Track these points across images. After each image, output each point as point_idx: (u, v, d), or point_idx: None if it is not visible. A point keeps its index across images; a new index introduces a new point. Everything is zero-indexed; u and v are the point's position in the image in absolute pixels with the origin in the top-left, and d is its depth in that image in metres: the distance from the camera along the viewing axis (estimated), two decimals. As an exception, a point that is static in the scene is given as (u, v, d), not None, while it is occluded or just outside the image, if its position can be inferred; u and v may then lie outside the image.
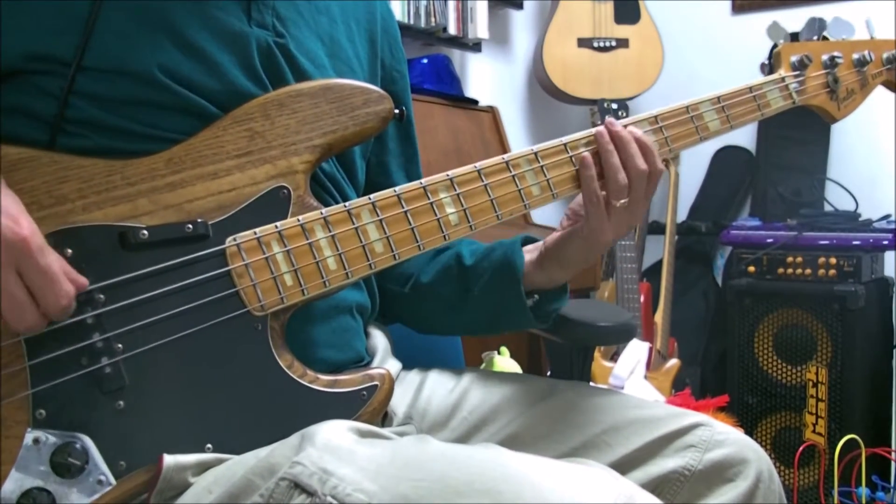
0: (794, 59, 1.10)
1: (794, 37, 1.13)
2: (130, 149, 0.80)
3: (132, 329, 0.76)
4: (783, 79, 1.08)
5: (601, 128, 0.93)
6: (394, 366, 1.03)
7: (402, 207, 0.86)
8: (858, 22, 1.15)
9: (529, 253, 0.99)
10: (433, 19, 2.60)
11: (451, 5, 2.67)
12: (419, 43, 2.69)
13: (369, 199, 0.85)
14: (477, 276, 1.00)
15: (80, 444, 0.73)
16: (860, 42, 1.14)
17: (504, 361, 2.04)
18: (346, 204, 0.84)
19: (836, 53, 1.11)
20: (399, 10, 2.50)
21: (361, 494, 0.64)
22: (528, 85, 3.25)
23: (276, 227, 0.81)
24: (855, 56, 1.13)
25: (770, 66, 1.11)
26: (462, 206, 0.88)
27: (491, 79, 3.09)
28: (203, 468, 0.75)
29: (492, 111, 2.75)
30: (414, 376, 1.06)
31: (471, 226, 0.88)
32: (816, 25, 1.13)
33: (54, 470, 0.72)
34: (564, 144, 0.94)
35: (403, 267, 1.05)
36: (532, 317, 0.99)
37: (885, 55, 1.14)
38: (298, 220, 0.82)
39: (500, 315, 1.01)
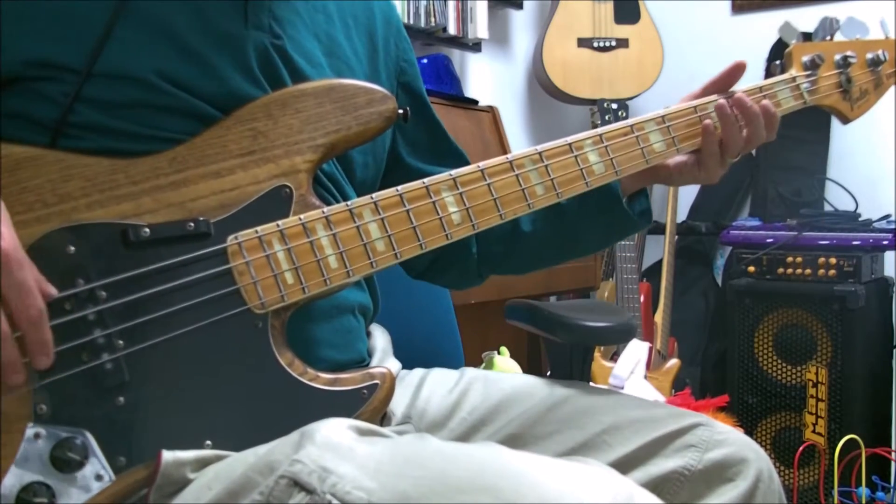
0: (805, 59, 1.09)
1: (807, 37, 1.12)
2: (132, 150, 0.80)
3: (133, 326, 0.76)
4: (794, 78, 1.08)
5: (723, 101, 1.00)
6: (393, 365, 1.03)
7: (405, 206, 0.86)
8: (871, 21, 1.13)
9: None
10: (433, 19, 2.60)
11: (451, 5, 2.67)
12: (419, 43, 2.69)
13: (371, 197, 0.85)
14: (576, 209, 1.04)
15: (81, 439, 0.73)
16: (874, 42, 1.12)
17: (504, 361, 2.05)
18: (348, 203, 0.84)
19: (849, 53, 1.10)
20: (399, 11, 2.50)
21: (361, 492, 0.64)
22: (527, 85, 3.25)
23: (278, 225, 0.81)
24: (869, 56, 1.11)
25: (781, 66, 1.10)
26: (465, 205, 0.88)
27: (491, 79, 3.09)
28: (202, 464, 0.75)
29: (491, 111, 2.75)
30: (413, 376, 1.06)
31: (473, 225, 0.89)
32: (829, 25, 1.12)
33: (54, 465, 0.72)
34: (569, 144, 0.94)
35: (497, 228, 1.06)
36: (639, 222, 1.04)
37: None
38: (300, 219, 0.82)
39: (609, 232, 1.08)
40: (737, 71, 1.03)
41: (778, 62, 1.11)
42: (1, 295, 0.68)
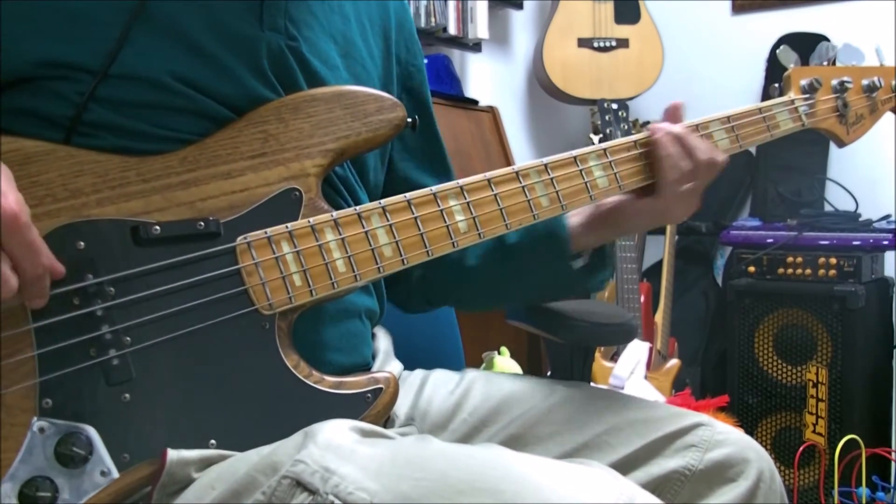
0: (804, 82, 1.11)
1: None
2: (145, 149, 0.81)
3: (141, 323, 0.76)
4: (793, 101, 1.10)
5: (660, 137, 0.95)
6: (395, 367, 1.04)
7: (412, 213, 0.86)
8: (866, 47, 1.16)
9: (576, 216, 1.00)
10: (433, 19, 2.61)
11: (451, 5, 2.67)
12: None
13: (380, 203, 0.85)
14: (521, 253, 1.02)
15: (85, 434, 0.73)
16: (870, 68, 1.15)
17: (504, 361, 2.05)
18: (357, 207, 0.85)
19: (845, 78, 1.13)
20: (402, 12, 2.51)
21: (363, 493, 0.65)
22: (528, 85, 3.25)
23: (287, 227, 0.82)
24: (864, 82, 1.14)
25: (780, 89, 1.13)
26: (471, 213, 0.89)
27: (491, 79, 3.09)
28: (206, 464, 0.75)
29: (492, 111, 2.75)
30: (415, 377, 1.06)
31: (479, 234, 0.89)
32: (826, 51, 1.15)
33: (58, 460, 0.72)
34: (574, 157, 0.95)
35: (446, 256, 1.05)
36: (585, 284, 1.01)
37: (894, 82, 1.15)
38: (309, 222, 0.82)
39: (551, 286, 1.05)
40: (675, 111, 1.00)
41: (777, 85, 1.14)
42: (5, 253, 0.67)
